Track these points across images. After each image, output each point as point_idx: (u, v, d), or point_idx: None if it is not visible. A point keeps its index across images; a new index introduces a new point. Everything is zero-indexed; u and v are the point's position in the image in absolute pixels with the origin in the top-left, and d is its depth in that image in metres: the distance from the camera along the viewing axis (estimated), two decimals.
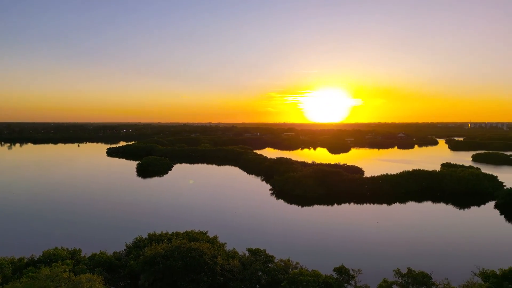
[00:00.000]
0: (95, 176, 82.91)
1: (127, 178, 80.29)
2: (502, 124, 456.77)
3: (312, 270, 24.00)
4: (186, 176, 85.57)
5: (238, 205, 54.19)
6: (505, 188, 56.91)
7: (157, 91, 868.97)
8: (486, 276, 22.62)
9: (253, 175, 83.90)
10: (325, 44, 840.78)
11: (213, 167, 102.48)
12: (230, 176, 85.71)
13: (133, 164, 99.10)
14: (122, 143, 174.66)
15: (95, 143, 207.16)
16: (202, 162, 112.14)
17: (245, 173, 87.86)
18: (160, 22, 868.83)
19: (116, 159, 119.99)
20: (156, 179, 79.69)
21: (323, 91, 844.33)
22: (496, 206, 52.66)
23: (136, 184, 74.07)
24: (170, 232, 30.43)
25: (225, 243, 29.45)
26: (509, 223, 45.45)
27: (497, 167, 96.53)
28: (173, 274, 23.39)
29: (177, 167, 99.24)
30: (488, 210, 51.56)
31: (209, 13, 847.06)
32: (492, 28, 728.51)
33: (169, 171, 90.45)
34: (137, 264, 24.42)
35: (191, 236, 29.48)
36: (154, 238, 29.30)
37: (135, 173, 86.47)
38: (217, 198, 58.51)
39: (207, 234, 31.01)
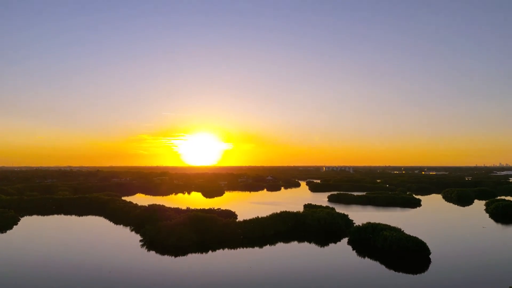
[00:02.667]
0: None
1: None
2: (349, 167, 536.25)
3: None
4: (34, 231, 72.80)
5: (101, 262, 48.20)
6: (355, 225, 65.23)
7: (2, 130, 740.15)
8: None
9: (121, 225, 76.93)
10: (194, 88, 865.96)
11: (72, 218, 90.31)
12: (93, 228, 76.64)
13: None
14: None
15: None
16: (58, 213, 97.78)
17: (111, 224, 79.87)
18: (16, 54, 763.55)
19: None
20: None
21: (197, 135, 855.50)
22: (348, 242, 59.88)
23: None
24: None
25: None
26: (360, 257, 51.90)
27: (347, 206, 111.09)
28: None
29: (26, 220, 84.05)
30: (343, 246, 58.22)
31: (70, 46, 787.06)
32: (337, 88, 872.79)
33: (14, 226, 75.74)
34: None
35: None
36: None
37: None
38: (75, 255, 51.02)
39: None
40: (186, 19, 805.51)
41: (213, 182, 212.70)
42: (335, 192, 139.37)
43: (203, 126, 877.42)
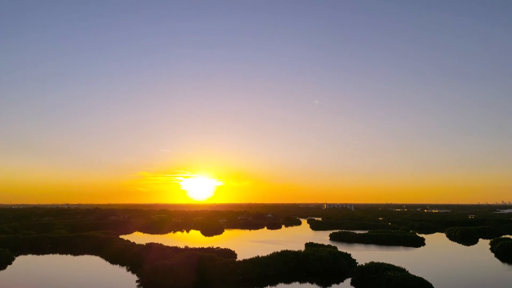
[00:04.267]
0: None
1: None
2: (350, 205, 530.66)
3: None
4: (29, 271, 70.80)
5: None
6: (358, 265, 63.60)
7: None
8: None
9: (118, 265, 74.92)
10: (193, 125, 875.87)
11: (68, 257, 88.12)
12: (89, 268, 74.56)
13: None
14: None
15: None
16: (54, 252, 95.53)
17: (108, 263, 77.80)
18: (15, 92, 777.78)
19: None
20: None
21: (197, 172, 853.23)
22: (351, 283, 58.07)
23: None
24: None
25: None
26: None
27: (350, 245, 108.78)
28: None
29: (21, 260, 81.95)
30: (346, 287, 56.37)
31: (66, 84, 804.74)
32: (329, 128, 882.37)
33: (8, 266, 73.73)
34: None
35: None
36: None
37: None
38: None
39: None
40: (183, 54, 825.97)
41: (212, 219, 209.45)
42: (337, 230, 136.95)
43: (202, 163, 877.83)
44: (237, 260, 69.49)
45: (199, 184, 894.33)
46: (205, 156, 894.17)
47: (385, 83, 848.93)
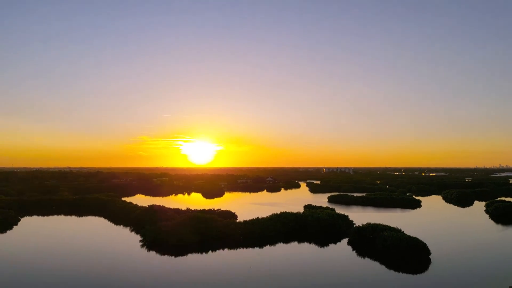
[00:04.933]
0: None
1: None
2: (349, 168, 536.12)
3: None
4: (34, 231, 72.90)
5: (102, 262, 48.25)
6: (355, 226, 65.24)
7: (2, 131, 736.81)
8: None
9: (121, 226, 76.96)
10: (192, 89, 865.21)
11: (73, 218, 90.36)
12: (94, 229, 76.71)
13: None
14: None
15: None
16: (59, 213, 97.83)
17: (111, 224, 79.93)
18: (16, 55, 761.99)
19: None
20: None
21: (197, 136, 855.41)
22: (348, 243, 59.88)
23: None
24: None
25: None
26: (360, 258, 51.93)
27: (347, 207, 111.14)
28: None
29: (26, 221, 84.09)
30: (343, 247, 58.24)
31: (68, 48, 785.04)
32: (326, 89, 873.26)
33: (14, 226, 75.78)
34: None
35: None
36: None
37: None
38: (75, 256, 51.04)
39: None
40: (183, 19, 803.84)
41: (213, 183, 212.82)
42: (335, 193, 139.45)
43: (202, 128, 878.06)
44: (237, 221, 71.39)
45: (199, 149, 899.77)
46: (205, 121, 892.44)
47: (384, 46, 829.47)
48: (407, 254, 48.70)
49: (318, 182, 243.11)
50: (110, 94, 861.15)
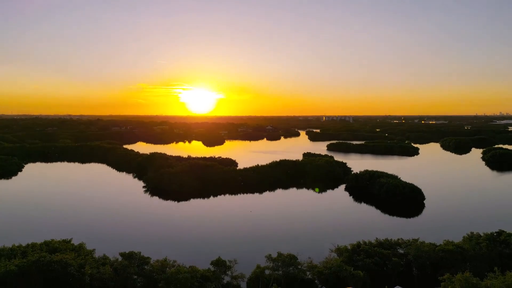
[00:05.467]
0: None
1: None
2: (349, 117, 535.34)
3: (190, 266, 23.82)
4: (41, 177, 74.69)
5: (108, 206, 49.98)
6: (352, 173, 66.58)
7: (1, 78, 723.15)
8: (340, 251, 26.36)
9: (124, 172, 78.66)
10: (189, 37, 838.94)
11: (76, 165, 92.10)
12: (97, 175, 78.50)
13: None
14: None
15: None
16: (61, 160, 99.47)
17: (114, 171, 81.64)
18: (15, 3, 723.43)
19: None
20: (1, 183, 67.38)
21: (195, 84, 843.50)
22: (346, 189, 61.56)
23: None
24: (24, 244, 26.17)
25: (94, 250, 26.86)
26: (356, 203, 53.76)
27: (346, 154, 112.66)
28: None
29: (30, 167, 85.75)
30: (340, 193, 59.99)
31: None
32: (339, 33, 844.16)
33: (19, 173, 77.46)
34: None
35: (51, 247, 25.91)
36: (2, 253, 24.65)
37: None
38: (82, 200, 52.74)
39: (72, 242, 27.77)
40: None
41: (213, 131, 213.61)
42: (334, 141, 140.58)
43: (201, 76, 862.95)
44: (238, 168, 72.86)
45: (199, 97, 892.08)
46: (204, 69, 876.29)
47: None
48: (402, 199, 50.25)
49: (318, 130, 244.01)
50: (108, 40, 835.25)
